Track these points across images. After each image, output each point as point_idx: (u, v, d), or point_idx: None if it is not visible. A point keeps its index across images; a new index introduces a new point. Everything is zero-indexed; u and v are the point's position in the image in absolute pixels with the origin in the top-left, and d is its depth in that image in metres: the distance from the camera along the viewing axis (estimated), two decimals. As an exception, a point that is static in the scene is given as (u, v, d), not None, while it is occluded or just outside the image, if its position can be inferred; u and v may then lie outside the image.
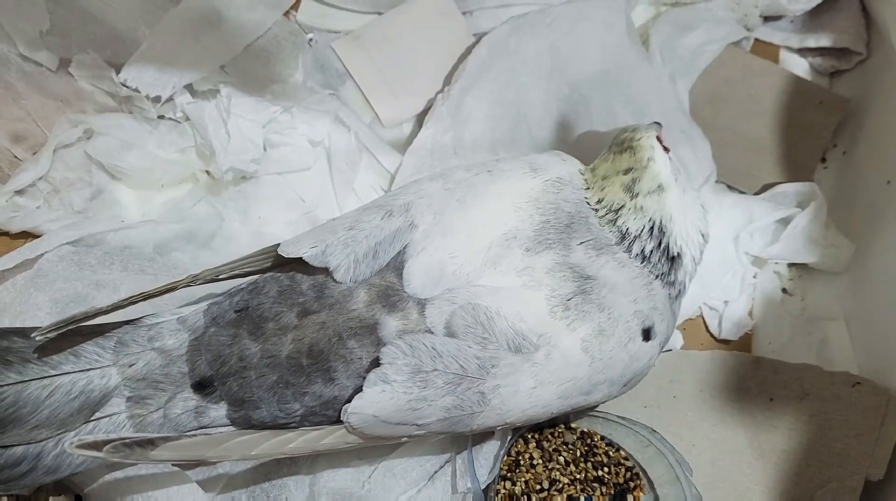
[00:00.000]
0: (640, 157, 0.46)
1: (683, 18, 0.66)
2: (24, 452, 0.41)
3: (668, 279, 0.46)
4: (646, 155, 0.46)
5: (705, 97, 0.65)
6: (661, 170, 0.46)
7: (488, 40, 0.61)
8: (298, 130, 0.58)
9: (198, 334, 0.44)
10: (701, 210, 0.48)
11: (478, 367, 0.41)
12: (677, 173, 0.47)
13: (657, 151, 0.46)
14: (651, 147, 0.46)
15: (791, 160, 0.64)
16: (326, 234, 0.44)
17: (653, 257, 0.45)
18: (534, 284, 0.42)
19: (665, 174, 0.46)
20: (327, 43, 0.63)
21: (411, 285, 0.42)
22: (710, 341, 0.60)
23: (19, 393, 0.41)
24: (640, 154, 0.46)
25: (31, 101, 0.57)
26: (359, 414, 0.41)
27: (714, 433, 0.55)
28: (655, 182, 0.45)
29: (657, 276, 0.45)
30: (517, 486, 0.49)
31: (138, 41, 0.58)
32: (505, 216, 0.44)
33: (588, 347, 0.43)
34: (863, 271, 0.60)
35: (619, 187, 0.45)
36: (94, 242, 0.54)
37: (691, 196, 0.48)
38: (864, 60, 0.66)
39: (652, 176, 0.45)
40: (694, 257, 0.47)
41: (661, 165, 0.46)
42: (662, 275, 0.46)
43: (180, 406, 0.43)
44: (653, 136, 0.46)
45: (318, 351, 0.42)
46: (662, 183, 0.45)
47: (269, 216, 0.58)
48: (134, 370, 0.43)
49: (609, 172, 0.46)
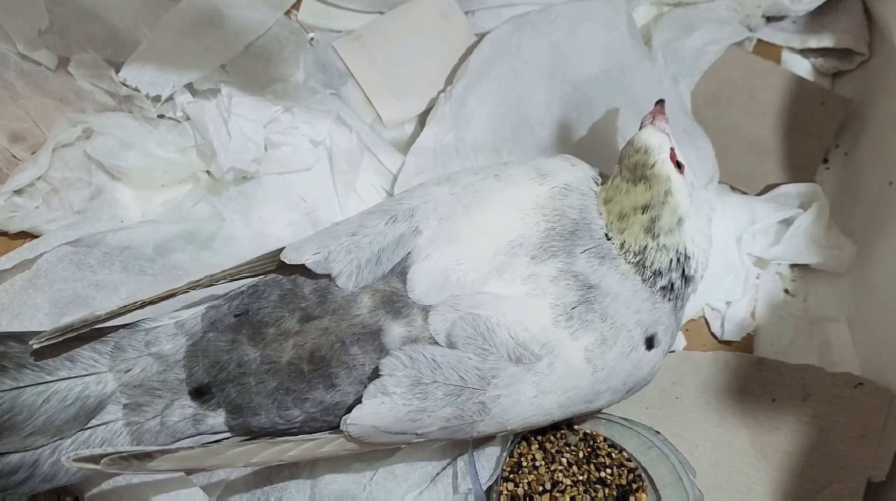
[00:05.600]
0: (656, 191, 0.44)
1: (686, 19, 0.66)
2: (21, 459, 0.40)
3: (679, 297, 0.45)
4: (662, 188, 0.44)
5: (707, 98, 0.65)
6: (680, 202, 0.44)
7: (490, 40, 0.61)
8: (300, 129, 0.58)
9: (195, 339, 0.43)
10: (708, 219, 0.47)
11: (478, 378, 0.41)
12: (691, 188, 0.45)
13: (674, 182, 0.44)
14: (668, 178, 0.44)
15: (793, 161, 0.64)
16: (329, 239, 0.43)
17: (675, 285, 0.45)
18: (538, 292, 0.42)
19: (684, 205, 0.44)
20: (329, 42, 0.63)
21: (415, 292, 0.42)
22: (713, 342, 0.60)
23: (14, 400, 0.40)
24: (656, 188, 0.44)
25: (30, 100, 0.56)
26: (358, 425, 0.40)
27: (716, 434, 0.55)
28: (675, 217, 0.44)
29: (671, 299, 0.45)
30: (519, 487, 0.49)
31: (138, 40, 0.58)
32: (511, 224, 0.43)
33: (591, 356, 0.42)
34: (865, 273, 0.60)
35: (638, 229, 0.44)
36: (93, 242, 0.54)
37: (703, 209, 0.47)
38: (867, 61, 0.66)
39: (671, 211, 0.44)
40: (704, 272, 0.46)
41: (679, 198, 0.44)
42: (677, 297, 0.45)
43: (178, 414, 0.43)
44: (667, 160, 0.44)
45: (319, 357, 0.42)
46: (682, 216, 0.44)
47: (270, 217, 0.58)
48: (130, 376, 0.42)
49: (626, 210, 0.44)
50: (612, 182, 0.46)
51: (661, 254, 0.44)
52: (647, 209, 0.44)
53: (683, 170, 0.45)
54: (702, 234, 0.46)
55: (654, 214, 0.44)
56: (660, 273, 0.44)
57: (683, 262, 0.45)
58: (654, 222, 0.44)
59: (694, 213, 0.45)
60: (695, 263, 0.45)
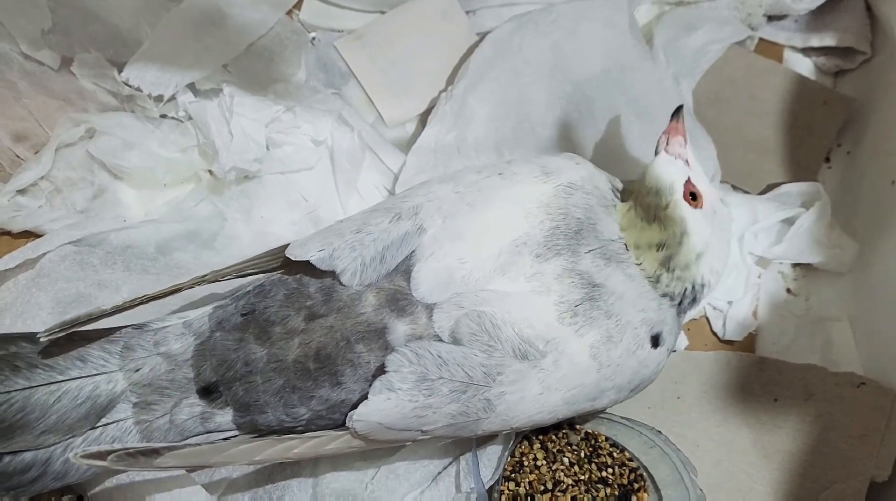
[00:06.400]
0: (672, 233, 0.43)
1: (687, 18, 0.65)
2: (34, 458, 0.41)
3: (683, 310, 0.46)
4: (678, 230, 0.43)
5: (709, 97, 0.65)
6: (697, 242, 0.43)
7: (491, 39, 0.61)
8: (301, 129, 0.58)
9: (203, 338, 0.43)
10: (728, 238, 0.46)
11: (483, 375, 0.41)
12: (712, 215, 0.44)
13: (690, 223, 0.43)
14: (682, 219, 0.43)
15: (795, 160, 0.64)
16: (334, 237, 0.43)
17: (683, 305, 0.45)
18: (543, 289, 0.42)
19: (701, 243, 0.44)
20: (330, 42, 0.63)
21: (419, 290, 0.42)
22: (714, 341, 0.60)
23: (27, 399, 0.40)
24: (671, 230, 0.43)
25: (33, 100, 0.56)
26: (364, 421, 0.41)
27: (718, 434, 0.55)
28: (692, 255, 0.44)
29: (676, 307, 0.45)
30: (521, 487, 0.49)
31: (140, 40, 0.58)
32: (515, 222, 0.43)
33: (596, 353, 0.42)
34: (867, 272, 0.60)
35: (654, 261, 0.44)
36: (96, 241, 0.54)
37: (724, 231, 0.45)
38: (869, 60, 0.66)
39: (688, 250, 0.44)
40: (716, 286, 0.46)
41: (696, 238, 0.43)
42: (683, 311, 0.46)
43: (186, 412, 0.43)
44: (681, 200, 0.43)
45: (325, 355, 0.42)
46: (700, 252, 0.44)
47: (272, 216, 0.58)
48: (140, 375, 0.43)
49: (641, 244, 0.44)
50: (626, 212, 0.45)
51: (676, 283, 0.44)
52: (661, 247, 0.44)
53: (701, 201, 0.44)
54: (721, 260, 0.45)
55: (669, 253, 0.44)
56: (671, 296, 0.45)
57: (698, 290, 0.45)
58: (670, 259, 0.44)
59: (715, 241, 0.44)
60: (708, 289, 0.45)
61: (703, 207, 0.44)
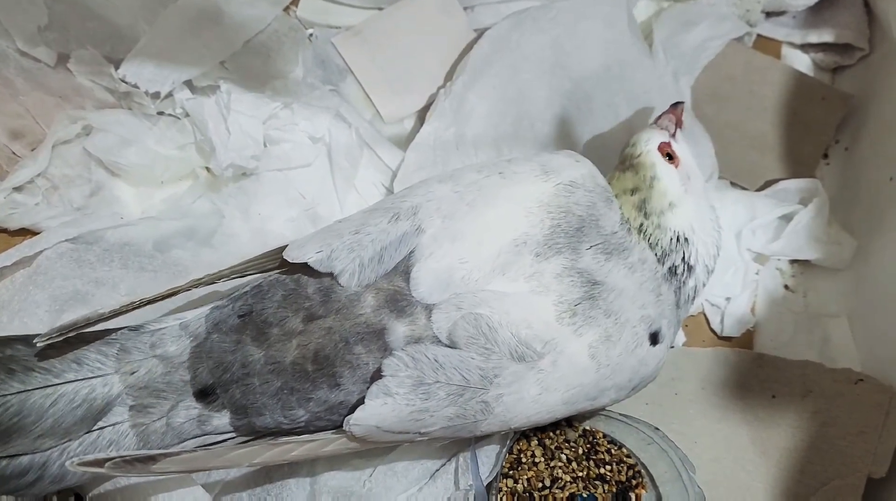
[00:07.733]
0: (642, 176, 0.46)
1: (686, 14, 0.66)
2: (31, 461, 0.41)
3: (680, 288, 0.46)
4: (648, 174, 0.46)
5: (707, 94, 0.65)
6: (668, 187, 0.46)
7: (490, 36, 0.61)
8: (299, 126, 0.58)
9: (200, 340, 0.43)
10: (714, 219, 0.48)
11: (481, 377, 0.41)
12: (686, 182, 0.47)
13: (659, 168, 0.46)
14: (652, 165, 0.46)
15: (793, 157, 0.64)
16: (332, 237, 0.43)
17: (678, 270, 0.46)
18: (542, 289, 0.42)
19: (673, 190, 0.46)
20: (328, 38, 0.63)
21: (419, 290, 0.42)
22: (712, 338, 0.60)
23: (23, 402, 0.40)
24: (642, 173, 0.46)
25: (30, 97, 0.56)
26: (361, 425, 0.40)
27: (716, 430, 0.55)
28: (665, 201, 0.46)
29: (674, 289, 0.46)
30: (519, 484, 0.49)
31: (137, 37, 0.57)
32: (515, 222, 0.43)
33: (595, 353, 0.42)
34: (865, 268, 0.60)
35: (630, 207, 0.46)
36: (93, 239, 0.54)
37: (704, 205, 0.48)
38: (867, 56, 0.66)
39: (660, 194, 0.46)
40: (707, 265, 0.47)
41: (667, 183, 0.46)
42: (679, 287, 0.46)
43: (183, 415, 0.42)
44: (653, 150, 0.46)
45: (323, 357, 0.42)
46: (673, 201, 0.46)
47: (270, 213, 0.58)
48: (136, 377, 0.42)
49: (617, 190, 0.47)
50: (612, 173, 0.49)
51: (660, 232, 0.46)
52: (635, 191, 0.47)
53: (677, 162, 0.47)
54: (702, 224, 0.47)
55: (642, 195, 0.46)
56: (666, 254, 0.45)
57: (683, 244, 0.46)
58: (644, 202, 0.46)
59: (692, 203, 0.47)
60: (693, 249, 0.46)
61: (678, 168, 0.47)
